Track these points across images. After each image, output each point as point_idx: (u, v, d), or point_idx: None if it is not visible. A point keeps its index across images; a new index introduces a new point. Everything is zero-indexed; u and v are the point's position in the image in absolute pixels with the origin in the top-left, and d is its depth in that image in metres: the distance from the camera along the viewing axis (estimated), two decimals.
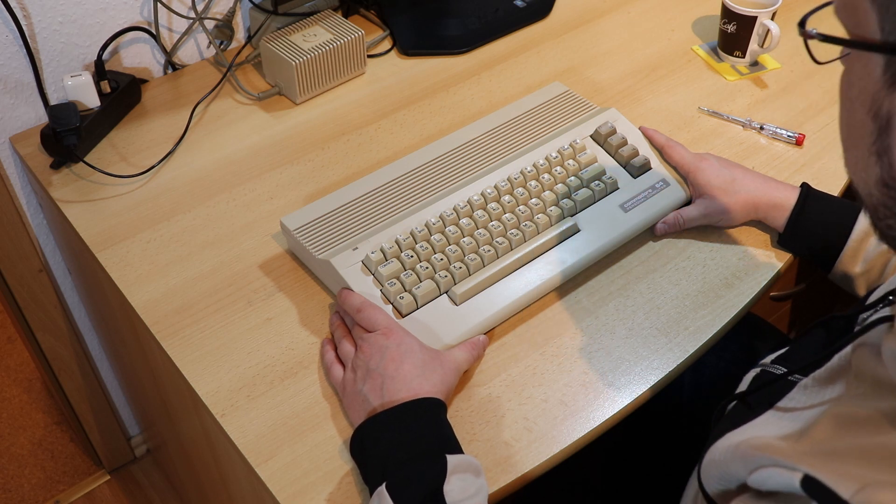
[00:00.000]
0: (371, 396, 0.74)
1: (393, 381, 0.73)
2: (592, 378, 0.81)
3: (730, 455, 0.60)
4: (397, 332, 0.77)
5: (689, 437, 0.94)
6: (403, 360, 0.75)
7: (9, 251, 1.17)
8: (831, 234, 0.87)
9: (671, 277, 0.90)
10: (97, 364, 1.41)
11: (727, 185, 0.90)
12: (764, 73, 1.18)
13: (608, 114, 1.02)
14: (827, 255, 0.88)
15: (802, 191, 0.90)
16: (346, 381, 0.77)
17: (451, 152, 0.97)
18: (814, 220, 0.88)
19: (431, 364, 0.76)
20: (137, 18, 1.13)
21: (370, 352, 0.76)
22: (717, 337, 0.86)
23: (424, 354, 0.76)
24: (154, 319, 0.87)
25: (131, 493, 1.56)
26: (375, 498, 0.67)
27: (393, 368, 0.74)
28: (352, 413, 0.76)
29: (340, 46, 1.12)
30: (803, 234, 0.89)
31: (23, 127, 1.10)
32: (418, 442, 0.70)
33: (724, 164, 0.92)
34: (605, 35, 1.25)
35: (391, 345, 0.76)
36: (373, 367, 0.75)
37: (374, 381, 0.74)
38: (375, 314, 0.79)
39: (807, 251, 0.90)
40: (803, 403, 0.63)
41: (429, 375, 0.75)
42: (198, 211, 0.98)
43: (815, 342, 0.72)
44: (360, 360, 0.77)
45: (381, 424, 0.71)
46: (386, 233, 0.87)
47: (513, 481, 0.73)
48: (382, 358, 0.75)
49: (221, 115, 1.12)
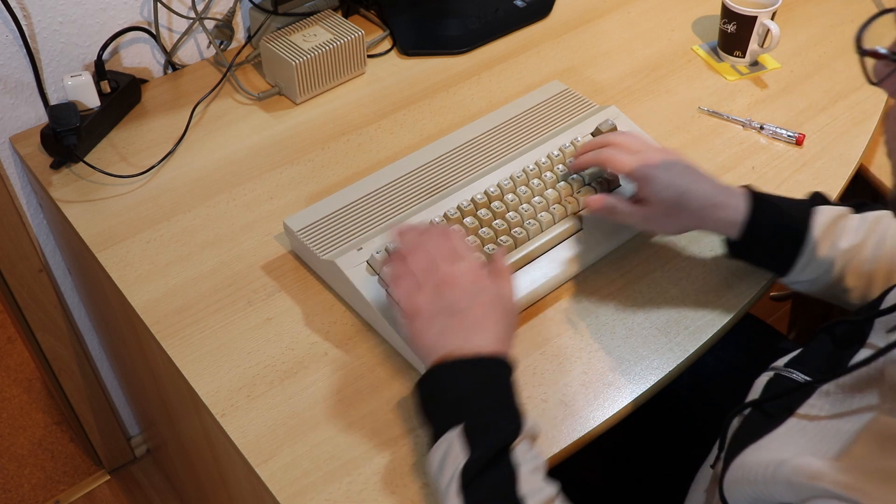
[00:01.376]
0: (452, 338, 0.71)
1: (479, 330, 0.72)
2: (592, 378, 0.81)
3: (769, 476, 0.59)
4: (484, 279, 0.75)
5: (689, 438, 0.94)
6: (490, 313, 0.73)
7: (9, 251, 1.17)
8: (786, 240, 0.82)
9: (671, 277, 0.90)
10: (97, 364, 1.41)
11: (675, 200, 0.82)
12: (764, 73, 1.18)
13: (608, 111, 1.02)
14: (782, 260, 0.83)
15: (750, 197, 0.82)
16: (422, 306, 0.73)
17: (453, 151, 0.97)
18: (766, 228, 0.82)
19: (508, 317, 0.75)
20: (137, 18, 1.13)
21: (460, 290, 0.73)
22: (717, 337, 0.86)
23: (504, 305, 0.75)
24: (154, 319, 0.87)
25: (131, 493, 1.56)
26: (446, 440, 0.67)
27: (479, 316, 0.72)
28: (420, 343, 0.73)
29: (340, 46, 1.12)
30: (757, 242, 0.83)
31: (23, 127, 1.10)
32: (500, 398, 0.69)
33: (673, 175, 0.82)
34: (605, 35, 1.25)
35: (482, 290, 0.74)
36: (460, 308, 0.72)
37: (459, 323, 0.72)
38: (465, 246, 0.77)
39: (760, 259, 0.86)
40: (827, 412, 0.62)
41: (507, 329, 0.74)
42: (198, 211, 0.98)
43: (825, 346, 0.71)
44: (446, 292, 0.73)
45: (464, 369, 0.70)
46: (390, 233, 0.87)
47: None
48: (472, 303, 0.73)
49: (221, 115, 1.12)
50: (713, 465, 0.75)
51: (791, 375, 0.69)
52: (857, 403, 0.60)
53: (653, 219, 0.84)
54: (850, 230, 0.81)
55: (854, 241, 0.80)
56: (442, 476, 0.67)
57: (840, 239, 0.80)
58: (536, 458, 0.68)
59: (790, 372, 0.70)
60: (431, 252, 0.76)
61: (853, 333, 0.68)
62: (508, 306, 0.76)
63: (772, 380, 0.72)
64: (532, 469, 0.66)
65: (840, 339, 0.70)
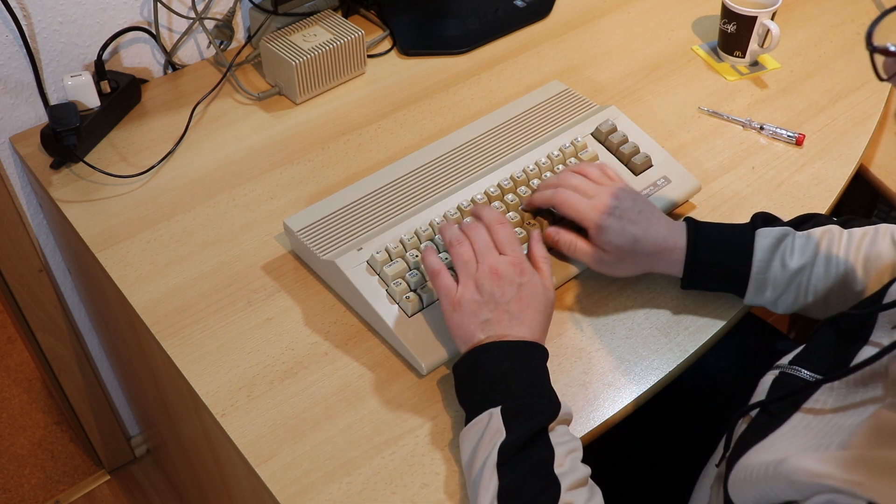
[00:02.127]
0: (493, 328, 0.74)
1: (519, 321, 0.74)
2: (592, 378, 0.81)
3: (770, 475, 0.59)
4: (528, 272, 0.77)
5: (690, 437, 0.94)
6: (530, 304, 0.75)
7: (9, 251, 1.17)
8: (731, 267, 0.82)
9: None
10: (97, 364, 1.41)
11: (629, 247, 0.82)
12: (764, 73, 1.18)
13: (608, 112, 1.02)
14: (734, 286, 0.84)
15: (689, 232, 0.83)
16: (465, 298, 0.76)
17: (453, 151, 0.97)
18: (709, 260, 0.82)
19: (547, 310, 0.77)
20: (137, 18, 1.13)
21: (502, 282, 0.75)
22: (717, 337, 0.86)
23: (544, 298, 0.77)
24: (154, 319, 0.87)
25: (131, 493, 1.56)
26: (483, 418, 0.69)
27: (519, 309, 0.75)
28: (461, 330, 0.75)
29: (340, 46, 1.12)
30: (702, 274, 0.84)
31: (23, 127, 1.10)
32: (538, 380, 0.72)
33: (626, 223, 0.82)
34: (605, 35, 1.25)
35: (524, 283, 0.76)
36: (501, 301, 0.75)
37: (501, 315, 0.74)
38: (514, 238, 0.79)
39: (712, 288, 0.86)
40: (831, 405, 0.63)
41: (545, 322, 0.77)
42: (198, 211, 0.98)
43: (829, 341, 0.71)
44: (488, 285, 0.75)
45: (505, 351, 0.73)
46: (390, 233, 0.87)
47: None
48: (514, 296, 0.75)
49: (221, 115, 1.12)
50: (718, 465, 0.75)
51: (797, 373, 0.69)
52: (861, 397, 0.61)
53: (606, 263, 0.84)
54: (798, 249, 0.81)
55: (803, 261, 0.81)
56: (477, 453, 0.68)
57: (788, 259, 0.81)
58: (573, 440, 0.70)
59: (796, 370, 0.70)
60: (476, 244, 0.79)
61: (857, 328, 0.68)
62: (549, 297, 0.78)
63: (777, 378, 0.72)
64: (568, 451, 0.68)
65: (843, 332, 0.70)
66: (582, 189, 0.86)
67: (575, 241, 0.85)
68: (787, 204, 0.98)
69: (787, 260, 0.81)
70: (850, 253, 0.81)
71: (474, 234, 0.79)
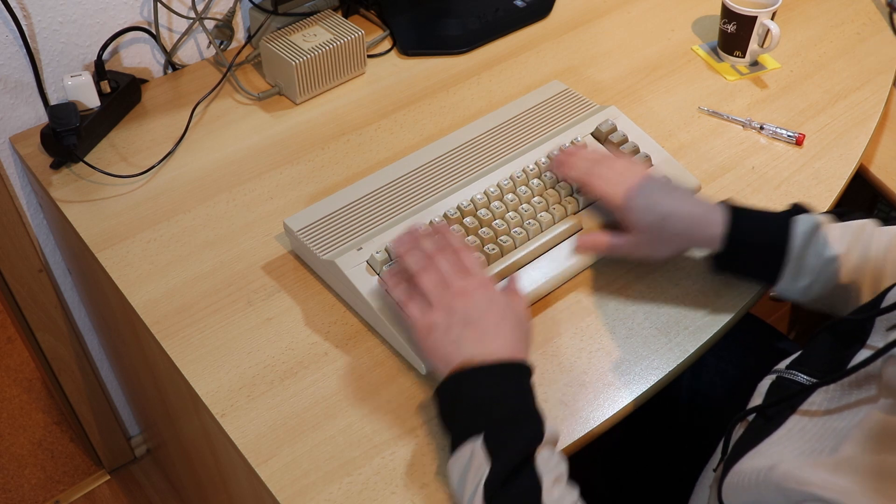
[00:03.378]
0: (469, 345, 0.72)
1: (494, 337, 0.72)
2: (592, 378, 0.81)
3: (761, 482, 0.59)
4: (494, 291, 0.76)
5: (690, 438, 0.94)
6: (504, 319, 0.74)
7: (9, 251, 1.17)
8: (769, 251, 0.83)
9: (671, 277, 0.90)
10: (97, 364, 1.41)
11: (658, 223, 0.83)
12: (764, 73, 1.18)
13: (608, 111, 1.02)
14: (768, 271, 0.84)
15: (729, 211, 0.83)
16: (436, 322, 0.73)
17: (453, 151, 0.97)
18: (748, 240, 0.83)
19: (522, 326, 0.75)
20: (137, 18, 1.13)
21: (472, 301, 0.74)
22: (717, 337, 0.86)
23: (517, 315, 0.75)
24: (154, 319, 0.87)
25: (131, 493, 1.56)
26: (467, 449, 0.67)
27: (493, 324, 0.73)
28: (438, 355, 0.73)
29: (340, 46, 1.12)
30: (740, 255, 0.84)
31: (23, 127, 1.10)
32: (520, 404, 0.70)
33: (653, 201, 0.83)
34: (605, 35, 1.25)
35: (494, 300, 0.74)
36: (474, 317, 0.73)
37: (474, 332, 0.72)
38: (474, 261, 0.78)
39: (746, 271, 0.86)
40: (825, 407, 0.63)
41: (522, 338, 0.75)
42: (198, 211, 0.98)
43: (827, 345, 0.71)
44: (459, 305, 0.73)
45: (485, 376, 0.70)
46: (390, 232, 0.87)
47: None
48: (486, 311, 0.73)
49: (221, 115, 1.12)
50: (715, 469, 0.75)
51: (794, 377, 0.69)
52: (855, 398, 0.61)
53: (642, 245, 0.85)
54: (835, 239, 0.81)
55: (839, 250, 0.80)
56: (464, 489, 0.67)
57: (824, 248, 0.81)
58: (558, 465, 0.68)
59: (793, 374, 0.70)
60: (441, 268, 0.76)
61: (854, 332, 0.68)
62: (521, 317, 0.76)
63: (774, 382, 0.72)
64: (555, 479, 0.66)
65: (841, 337, 0.70)
66: (609, 175, 0.87)
67: (611, 239, 0.87)
68: (787, 204, 0.98)
69: (823, 248, 0.81)
70: (886, 248, 0.80)
71: (439, 260, 0.77)
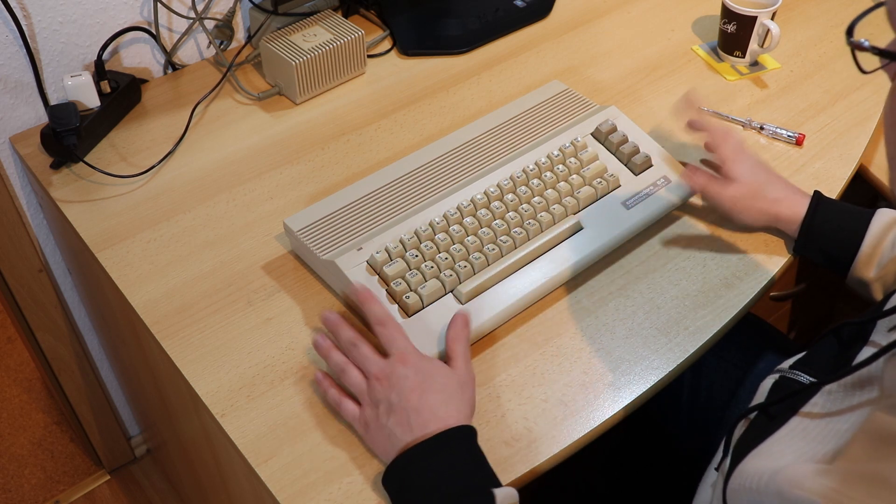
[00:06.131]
0: (399, 431, 0.70)
1: (419, 413, 0.70)
2: (592, 378, 0.81)
3: (763, 486, 0.59)
4: (413, 356, 0.74)
5: (690, 438, 0.95)
6: (426, 389, 0.71)
7: (9, 251, 1.17)
8: (844, 241, 0.87)
9: (671, 277, 0.90)
10: (97, 364, 1.41)
11: (759, 183, 0.90)
12: (764, 73, 1.18)
13: (608, 112, 1.02)
14: (841, 261, 0.87)
15: (814, 198, 0.89)
16: (368, 417, 0.73)
17: (453, 151, 0.97)
18: (826, 228, 0.88)
19: (452, 386, 0.73)
20: (137, 18, 1.13)
21: (389, 383, 0.72)
22: (717, 337, 0.86)
23: (444, 377, 0.73)
24: (154, 319, 0.87)
25: (131, 493, 1.56)
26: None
27: (416, 399, 0.71)
28: (379, 449, 0.73)
29: (340, 46, 1.12)
30: (816, 241, 0.89)
31: (23, 127, 1.10)
32: (462, 476, 0.68)
33: (762, 162, 0.93)
34: (605, 35, 1.25)
35: (409, 373, 0.72)
36: (395, 401, 0.71)
37: (399, 416, 0.70)
38: (396, 333, 0.76)
39: (822, 258, 0.90)
40: (828, 409, 0.63)
41: (454, 401, 0.72)
42: (198, 211, 0.98)
43: (831, 346, 0.71)
44: (378, 392, 0.72)
45: (420, 457, 0.68)
46: (390, 232, 0.87)
47: (513, 481, 0.73)
48: (403, 389, 0.71)
49: (221, 115, 1.12)
50: (717, 468, 0.75)
51: (797, 377, 0.70)
52: (857, 399, 0.61)
53: (738, 200, 0.90)
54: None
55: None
56: None
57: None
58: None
59: (796, 374, 0.70)
60: (358, 362, 0.76)
61: (858, 334, 0.69)
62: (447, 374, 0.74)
63: (777, 382, 0.72)
64: None
65: (846, 340, 0.70)
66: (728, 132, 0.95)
67: (713, 180, 0.92)
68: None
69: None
70: None
71: (354, 354, 0.76)
